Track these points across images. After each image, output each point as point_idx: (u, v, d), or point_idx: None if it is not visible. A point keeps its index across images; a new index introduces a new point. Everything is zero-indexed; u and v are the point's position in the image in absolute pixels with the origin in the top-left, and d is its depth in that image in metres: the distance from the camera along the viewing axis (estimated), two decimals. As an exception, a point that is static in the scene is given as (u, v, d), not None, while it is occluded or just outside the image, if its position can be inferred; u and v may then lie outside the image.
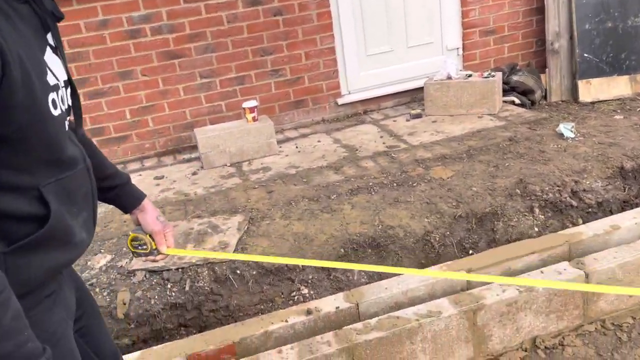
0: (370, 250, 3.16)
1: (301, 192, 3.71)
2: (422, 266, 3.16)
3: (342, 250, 3.12)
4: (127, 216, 4.03)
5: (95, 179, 1.37)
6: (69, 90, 1.28)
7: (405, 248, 3.16)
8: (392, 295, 2.75)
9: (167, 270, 3.00)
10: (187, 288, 2.95)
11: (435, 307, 2.56)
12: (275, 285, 3.01)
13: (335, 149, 4.55)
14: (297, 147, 4.74)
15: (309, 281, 3.05)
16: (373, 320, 2.53)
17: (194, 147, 4.94)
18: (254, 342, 2.57)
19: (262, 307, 2.99)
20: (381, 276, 3.13)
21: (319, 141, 4.83)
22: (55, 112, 1.13)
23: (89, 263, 3.17)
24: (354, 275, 3.11)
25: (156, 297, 2.92)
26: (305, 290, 3.03)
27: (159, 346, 2.58)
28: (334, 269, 3.09)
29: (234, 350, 2.56)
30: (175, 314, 2.94)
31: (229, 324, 2.99)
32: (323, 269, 3.08)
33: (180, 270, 3.01)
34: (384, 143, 4.54)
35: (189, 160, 4.85)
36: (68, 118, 1.31)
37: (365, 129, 5.03)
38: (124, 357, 2.63)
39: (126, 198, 1.60)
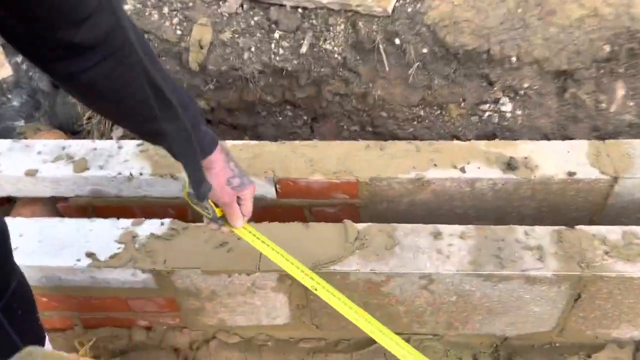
0: (666, 64, 1.63)
1: None
2: None
3: (607, 47, 1.63)
4: None
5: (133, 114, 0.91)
6: None
7: None
8: (697, 181, 1.37)
9: (280, 5, 1.79)
10: (304, 48, 1.77)
11: None
12: (455, 82, 1.71)
13: None
14: None
15: (521, 90, 1.70)
16: (648, 235, 1.26)
17: None
18: (393, 190, 1.47)
19: (421, 114, 1.78)
20: None
21: None
22: None
23: (165, -40, 2.01)
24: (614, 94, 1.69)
25: (254, 49, 1.80)
26: (509, 106, 1.72)
27: (235, 144, 1.59)
28: (575, 77, 1.67)
29: (354, 192, 1.50)
30: (280, 84, 1.85)
31: (360, 124, 1.87)
32: (553, 75, 1.68)
33: (299, 12, 1.78)
34: None
35: None
36: None
37: None
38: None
39: (183, 147, 0.98)
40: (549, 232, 1.29)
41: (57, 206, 1.66)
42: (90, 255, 1.34)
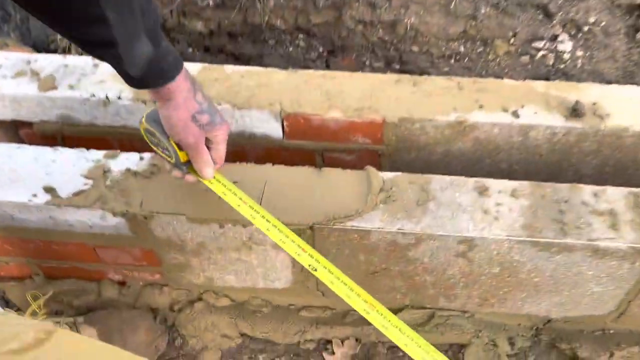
0: None
1: None
2: None
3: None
4: None
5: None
6: None
7: None
8: None
9: None
10: (325, -40, 1.47)
11: None
12: (506, 12, 1.43)
13: None
14: None
15: (585, 26, 1.42)
16: None
17: None
18: (426, 136, 1.21)
19: (461, 50, 1.50)
20: None
21: None
22: None
23: None
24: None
25: (263, -41, 1.50)
26: (568, 45, 1.44)
27: (235, 69, 1.31)
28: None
29: (378, 135, 1.23)
30: (293, 5, 1.57)
31: (385, 59, 1.59)
32: (625, 9, 1.39)
33: None
34: None
35: None
36: None
37: None
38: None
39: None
40: (624, 194, 1.03)
41: (19, 133, 1.40)
42: (49, 190, 1.09)
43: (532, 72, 1.47)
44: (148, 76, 0.84)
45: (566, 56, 1.44)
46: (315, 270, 0.87)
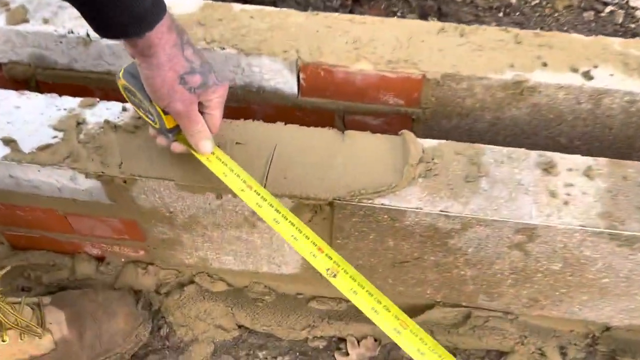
0: None
1: None
2: None
3: None
4: None
5: None
6: None
7: None
8: None
9: None
10: None
11: None
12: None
13: None
14: None
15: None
16: None
17: None
18: (473, 98, 1.00)
19: (512, 1, 1.26)
20: None
21: None
22: None
23: None
24: None
25: None
26: (642, 1, 1.21)
27: (244, 7, 1.09)
28: None
29: (414, 94, 1.02)
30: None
31: (420, 10, 1.37)
32: None
33: None
34: None
35: None
36: None
37: None
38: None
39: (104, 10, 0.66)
40: None
41: (-14, 76, 1.19)
42: (8, 142, 0.89)
43: (595, 32, 1.25)
44: (115, 17, 0.65)
45: (639, 14, 1.21)
46: (334, 276, 0.68)
